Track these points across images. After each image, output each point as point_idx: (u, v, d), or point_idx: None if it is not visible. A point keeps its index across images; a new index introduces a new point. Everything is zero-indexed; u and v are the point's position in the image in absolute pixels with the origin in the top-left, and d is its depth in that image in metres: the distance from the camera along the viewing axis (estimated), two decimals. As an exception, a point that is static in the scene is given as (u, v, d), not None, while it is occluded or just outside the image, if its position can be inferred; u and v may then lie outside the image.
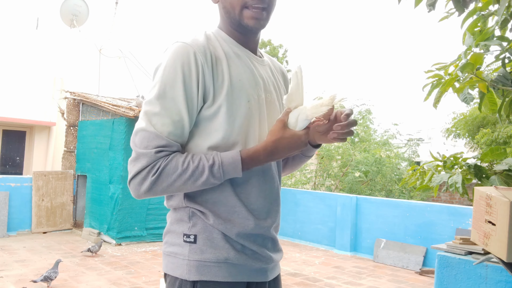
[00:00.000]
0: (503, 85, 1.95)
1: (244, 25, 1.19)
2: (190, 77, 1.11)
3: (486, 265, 2.66)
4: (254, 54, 1.27)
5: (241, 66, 1.20)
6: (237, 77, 1.17)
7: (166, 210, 6.00)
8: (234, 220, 1.16)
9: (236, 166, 1.10)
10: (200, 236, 1.16)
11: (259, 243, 1.20)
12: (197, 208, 1.17)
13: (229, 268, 1.15)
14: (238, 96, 1.15)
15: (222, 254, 1.15)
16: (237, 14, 1.17)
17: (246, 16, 1.17)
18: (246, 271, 1.18)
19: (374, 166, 11.58)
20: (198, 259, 1.14)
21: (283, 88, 1.35)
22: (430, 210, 6.12)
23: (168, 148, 1.10)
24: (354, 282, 5.24)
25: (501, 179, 2.18)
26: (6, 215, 7.02)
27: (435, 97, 2.09)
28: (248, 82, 1.18)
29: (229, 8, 1.19)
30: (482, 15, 2.11)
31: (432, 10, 2.06)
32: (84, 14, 10.74)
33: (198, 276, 1.13)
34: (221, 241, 1.15)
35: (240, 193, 1.17)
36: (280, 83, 1.34)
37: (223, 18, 1.24)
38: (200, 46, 1.15)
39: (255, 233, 1.18)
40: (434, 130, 20.29)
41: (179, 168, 1.09)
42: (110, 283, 4.75)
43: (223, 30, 1.25)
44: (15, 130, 9.84)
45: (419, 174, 2.57)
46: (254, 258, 1.19)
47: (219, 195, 1.16)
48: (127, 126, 6.84)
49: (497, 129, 9.97)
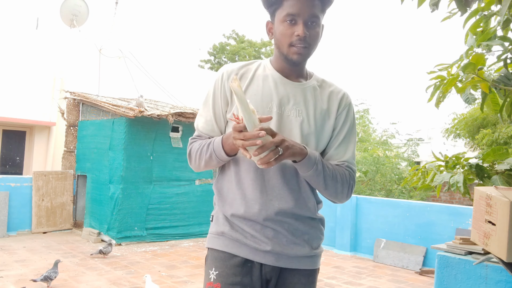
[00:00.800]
0: (505, 85, 1.95)
1: (289, 59, 1.49)
2: (216, 90, 1.55)
3: (486, 265, 2.66)
4: (298, 79, 1.56)
5: (262, 85, 1.52)
6: (252, 92, 1.51)
7: (165, 210, 6.07)
8: (232, 204, 1.51)
9: (218, 143, 1.46)
10: (214, 217, 1.59)
11: (256, 228, 1.48)
12: (216, 195, 1.59)
13: (225, 240, 1.51)
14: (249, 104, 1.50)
15: (220, 229, 1.53)
16: (285, 50, 1.48)
17: (291, 52, 1.47)
18: (240, 247, 1.49)
19: (373, 165, 11.59)
20: (210, 232, 1.58)
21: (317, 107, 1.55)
22: (430, 210, 6.12)
23: (199, 138, 1.59)
24: (354, 282, 5.24)
25: (502, 178, 2.18)
26: (6, 215, 7.01)
27: (437, 97, 2.09)
28: (261, 97, 1.50)
29: (279, 45, 1.50)
30: (484, 15, 2.11)
31: (435, 9, 2.06)
32: (84, 14, 10.74)
33: (208, 245, 1.56)
34: (222, 220, 1.54)
35: (241, 185, 1.50)
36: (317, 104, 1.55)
37: (275, 50, 1.56)
38: (230, 69, 1.55)
39: (247, 218, 1.48)
40: (434, 130, 20.31)
41: (197, 148, 1.55)
42: (110, 283, 4.75)
43: (272, 60, 1.59)
44: (15, 130, 9.83)
45: (421, 174, 2.57)
46: (245, 237, 1.48)
47: (229, 186, 1.53)
48: (127, 126, 6.84)
49: (498, 130, 9.98)
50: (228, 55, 26.54)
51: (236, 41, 27.07)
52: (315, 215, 1.56)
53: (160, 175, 7.22)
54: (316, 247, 1.56)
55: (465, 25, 2.19)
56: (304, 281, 1.53)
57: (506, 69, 2.05)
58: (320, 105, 1.54)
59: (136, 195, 6.95)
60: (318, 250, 1.57)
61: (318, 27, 1.47)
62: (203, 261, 5.98)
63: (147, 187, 7.07)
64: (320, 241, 1.58)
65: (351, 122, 1.58)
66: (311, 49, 1.48)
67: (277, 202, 1.47)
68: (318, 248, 1.57)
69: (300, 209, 1.50)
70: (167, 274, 5.21)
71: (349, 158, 1.55)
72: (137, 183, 6.95)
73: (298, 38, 1.44)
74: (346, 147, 1.55)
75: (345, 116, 1.56)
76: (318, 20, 1.46)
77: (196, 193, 7.69)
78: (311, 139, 1.50)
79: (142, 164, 7.01)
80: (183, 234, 7.44)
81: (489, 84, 1.99)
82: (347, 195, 1.54)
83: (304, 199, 1.51)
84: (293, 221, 1.50)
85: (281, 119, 1.49)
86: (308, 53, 1.48)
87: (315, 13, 1.44)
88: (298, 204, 1.50)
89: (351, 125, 1.57)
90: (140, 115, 6.60)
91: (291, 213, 1.49)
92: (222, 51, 26.82)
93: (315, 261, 1.57)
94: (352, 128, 1.58)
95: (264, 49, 26.86)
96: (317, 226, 1.57)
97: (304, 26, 1.44)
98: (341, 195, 1.53)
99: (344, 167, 1.54)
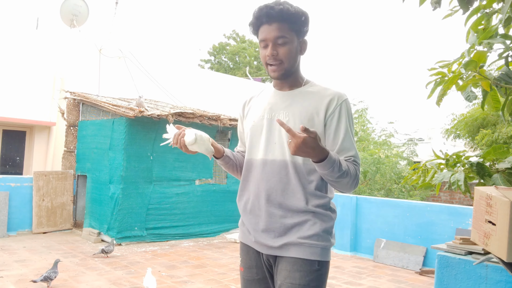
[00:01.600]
0: (506, 83, 1.95)
1: (270, 76, 1.75)
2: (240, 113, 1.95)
3: (486, 265, 2.65)
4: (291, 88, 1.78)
5: (260, 101, 1.85)
6: (254, 109, 1.86)
7: (165, 211, 6.07)
8: (240, 199, 1.84)
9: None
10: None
11: (252, 221, 1.76)
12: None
13: (240, 232, 1.86)
14: (249, 121, 1.86)
15: (240, 222, 1.88)
16: (266, 69, 1.76)
17: (269, 70, 1.74)
18: (246, 237, 1.82)
19: (373, 165, 11.58)
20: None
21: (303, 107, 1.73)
22: (430, 210, 6.12)
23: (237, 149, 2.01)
24: (354, 282, 5.24)
25: (503, 177, 2.18)
26: (6, 215, 7.01)
27: (438, 95, 2.09)
28: (257, 110, 1.82)
29: (263, 65, 1.77)
30: (486, 13, 2.11)
31: (437, 7, 2.06)
32: (84, 14, 10.74)
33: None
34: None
35: (247, 186, 1.80)
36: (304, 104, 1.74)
37: None
38: (249, 96, 1.94)
39: (246, 212, 1.79)
40: (434, 130, 20.31)
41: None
42: (110, 283, 4.75)
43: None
44: (15, 130, 9.82)
45: (421, 172, 2.57)
46: (246, 228, 1.80)
47: (244, 186, 1.82)
48: (127, 126, 6.84)
49: (497, 130, 9.97)
50: (228, 55, 26.55)
51: (236, 41, 27.07)
52: (306, 208, 1.68)
53: (160, 175, 7.21)
54: (305, 237, 1.67)
55: (466, 23, 2.19)
56: (289, 267, 1.67)
57: (507, 67, 2.05)
58: (307, 106, 1.71)
59: (136, 195, 6.94)
60: (308, 240, 1.67)
61: (288, 44, 1.69)
62: (203, 261, 5.98)
63: (147, 187, 7.06)
64: (311, 232, 1.67)
65: (347, 119, 1.69)
66: (285, 63, 1.70)
67: (264, 205, 1.71)
68: (308, 238, 1.67)
69: (286, 200, 1.69)
70: (167, 274, 5.21)
71: (354, 153, 1.69)
72: (137, 183, 6.95)
73: (269, 57, 1.70)
74: (350, 143, 1.69)
75: (338, 115, 1.69)
76: (287, 38, 1.68)
77: (196, 193, 7.69)
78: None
79: (142, 164, 7.01)
80: (183, 234, 7.44)
81: (490, 82, 1.99)
82: (354, 186, 1.70)
83: (293, 191, 1.68)
84: (278, 210, 1.70)
85: (270, 123, 1.75)
86: (284, 68, 1.71)
87: (280, 35, 1.67)
88: (285, 195, 1.69)
89: (347, 122, 1.69)
90: (140, 115, 6.60)
91: (277, 203, 1.70)
92: (222, 51, 26.82)
93: (303, 250, 1.67)
94: (348, 124, 1.70)
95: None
96: (309, 218, 1.69)
97: (272, 47, 1.68)
98: (350, 187, 1.67)
99: (351, 162, 1.67)
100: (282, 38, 1.67)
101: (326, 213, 1.72)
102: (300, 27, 1.70)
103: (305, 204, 1.67)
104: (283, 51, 1.68)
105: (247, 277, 1.82)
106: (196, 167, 7.70)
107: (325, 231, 1.70)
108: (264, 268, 1.77)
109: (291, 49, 1.69)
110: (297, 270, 1.65)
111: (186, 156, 7.50)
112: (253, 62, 26.38)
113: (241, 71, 24.20)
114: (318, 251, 1.67)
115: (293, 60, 1.71)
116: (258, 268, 1.78)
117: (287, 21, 1.67)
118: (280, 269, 1.69)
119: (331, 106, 1.68)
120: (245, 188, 1.81)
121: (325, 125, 1.68)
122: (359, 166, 1.70)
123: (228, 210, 8.14)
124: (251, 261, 1.80)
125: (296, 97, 1.74)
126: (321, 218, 1.70)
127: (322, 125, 1.68)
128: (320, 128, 1.68)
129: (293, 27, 1.68)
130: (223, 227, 8.06)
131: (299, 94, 1.75)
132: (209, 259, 6.10)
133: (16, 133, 9.84)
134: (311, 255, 1.66)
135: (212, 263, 5.90)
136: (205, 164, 7.81)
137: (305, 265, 1.65)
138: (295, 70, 1.75)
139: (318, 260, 1.67)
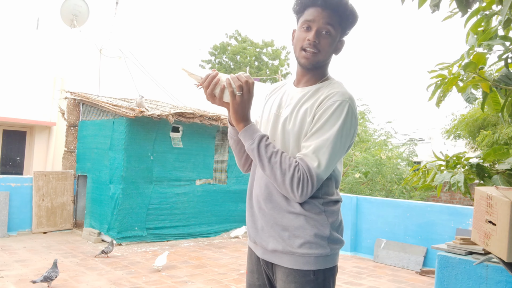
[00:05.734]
0: (506, 85, 1.95)
1: (298, 61, 1.65)
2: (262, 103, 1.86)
3: (486, 265, 2.66)
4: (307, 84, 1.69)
5: (277, 94, 1.79)
6: (269, 101, 1.80)
7: (166, 211, 6.08)
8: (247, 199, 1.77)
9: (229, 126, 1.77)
10: None
11: (249, 219, 1.72)
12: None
13: (248, 236, 1.78)
14: (263, 113, 1.80)
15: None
16: (297, 53, 1.64)
17: (301, 56, 1.62)
18: (249, 239, 1.76)
19: (374, 167, 11.57)
20: None
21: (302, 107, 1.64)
22: (430, 210, 6.12)
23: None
24: (354, 282, 5.24)
25: (503, 178, 2.18)
26: (6, 215, 7.01)
27: (438, 97, 2.09)
28: (271, 104, 1.77)
29: (294, 49, 1.66)
30: (485, 14, 2.11)
31: (436, 10, 2.06)
32: (84, 14, 10.74)
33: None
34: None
35: (250, 183, 1.74)
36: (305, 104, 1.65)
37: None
38: (273, 87, 1.87)
39: (247, 212, 1.73)
40: (434, 130, 20.30)
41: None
42: (110, 283, 4.75)
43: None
44: (15, 130, 9.83)
45: (422, 174, 2.57)
46: (249, 231, 1.75)
47: (249, 183, 1.76)
48: (127, 126, 6.84)
49: (498, 130, 9.97)
50: (229, 55, 26.54)
51: (237, 41, 27.06)
52: (295, 210, 1.55)
53: (160, 175, 7.22)
54: (297, 246, 1.54)
55: (466, 25, 2.19)
56: (284, 278, 1.58)
57: (507, 68, 2.05)
58: (306, 105, 1.62)
59: (137, 195, 6.95)
60: (299, 250, 1.54)
61: (330, 37, 1.60)
62: (203, 261, 5.98)
63: (148, 187, 7.07)
64: (302, 240, 1.54)
65: (328, 120, 1.52)
66: (320, 55, 1.61)
67: (256, 208, 1.66)
68: (299, 247, 1.54)
69: (280, 199, 1.58)
70: (167, 274, 5.21)
71: (308, 153, 1.50)
72: (137, 183, 6.95)
73: (308, 42, 1.58)
74: (323, 146, 1.50)
75: (321, 113, 1.54)
76: (332, 30, 1.59)
77: (196, 193, 7.69)
78: (290, 136, 1.60)
79: (142, 164, 7.01)
80: (183, 234, 7.44)
81: (490, 83, 1.99)
82: (291, 188, 1.49)
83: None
84: (271, 210, 1.61)
85: (276, 119, 1.69)
86: (317, 59, 1.60)
87: (329, 22, 1.58)
88: (278, 195, 1.59)
89: (326, 123, 1.52)
90: (140, 115, 6.60)
91: (271, 203, 1.61)
92: (223, 51, 26.81)
93: (294, 260, 1.55)
94: (326, 125, 1.52)
95: (266, 49, 26.87)
96: (301, 223, 1.55)
97: (316, 33, 1.58)
98: (282, 185, 1.51)
99: (297, 159, 1.51)
100: (329, 28, 1.59)
101: (320, 218, 1.55)
102: (347, 26, 1.64)
103: (297, 206, 1.55)
104: (324, 41, 1.60)
105: (250, 281, 1.78)
106: (196, 167, 7.70)
107: (319, 237, 1.54)
108: (264, 274, 1.72)
109: (331, 43, 1.62)
110: (291, 281, 1.56)
111: (186, 156, 7.52)
112: (254, 62, 26.38)
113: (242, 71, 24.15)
114: (312, 260, 1.54)
115: (328, 55, 1.64)
116: (259, 273, 1.74)
117: (341, 14, 1.60)
118: (277, 279, 1.63)
119: (319, 106, 1.56)
120: (249, 186, 1.75)
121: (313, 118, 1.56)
122: (308, 169, 1.48)
123: (228, 210, 8.14)
124: (252, 265, 1.77)
125: (305, 96, 1.65)
126: (313, 224, 1.55)
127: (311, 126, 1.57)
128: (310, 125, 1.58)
129: (342, 23, 1.62)
130: (223, 227, 8.07)
131: (309, 93, 1.66)
132: (209, 259, 6.11)
133: (16, 133, 9.85)
134: (303, 265, 1.54)
135: (212, 263, 5.90)
136: (206, 164, 7.82)
137: (299, 276, 1.55)
138: (323, 66, 1.66)
139: (313, 269, 1.54)
